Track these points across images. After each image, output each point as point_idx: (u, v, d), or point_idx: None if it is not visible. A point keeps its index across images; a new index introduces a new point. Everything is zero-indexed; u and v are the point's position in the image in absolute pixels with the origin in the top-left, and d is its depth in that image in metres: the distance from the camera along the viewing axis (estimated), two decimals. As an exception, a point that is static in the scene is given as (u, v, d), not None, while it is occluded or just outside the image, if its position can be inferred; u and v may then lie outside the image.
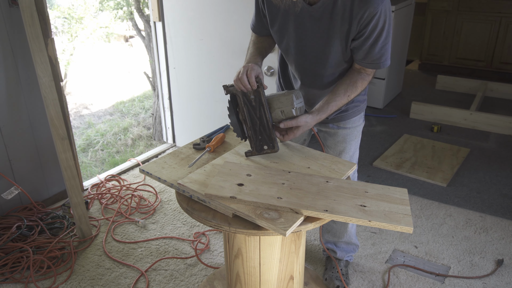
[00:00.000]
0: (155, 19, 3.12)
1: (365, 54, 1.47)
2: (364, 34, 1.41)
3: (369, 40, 1.42)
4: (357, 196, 1.29)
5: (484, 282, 2.11)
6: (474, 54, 4.97)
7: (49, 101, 2.21)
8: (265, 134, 1.45)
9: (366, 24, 1.39)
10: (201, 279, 2.13)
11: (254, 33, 1.68)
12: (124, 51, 7.17)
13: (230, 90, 1.48)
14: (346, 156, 1.82)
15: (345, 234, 2.04)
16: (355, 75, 1.53)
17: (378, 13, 1.37)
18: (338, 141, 1.79)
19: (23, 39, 2.36)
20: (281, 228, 1.15)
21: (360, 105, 1.76)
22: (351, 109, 1.73)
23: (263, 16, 1.60)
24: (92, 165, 4.00)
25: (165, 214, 2.64)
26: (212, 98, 3.09)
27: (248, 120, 1.46)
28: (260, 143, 1.46)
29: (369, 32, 1.40)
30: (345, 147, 1.80)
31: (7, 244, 2.22)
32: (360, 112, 1.77)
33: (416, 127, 3.85)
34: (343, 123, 1.76)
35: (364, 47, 1.44)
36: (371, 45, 1.44)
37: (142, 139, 4.43)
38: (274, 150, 1.46)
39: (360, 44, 1.44)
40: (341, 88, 1.51)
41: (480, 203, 2.73)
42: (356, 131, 1.80)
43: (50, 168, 2.67)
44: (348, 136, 1.78)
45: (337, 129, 1.77)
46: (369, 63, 1.49)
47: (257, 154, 1.49)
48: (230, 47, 2.83)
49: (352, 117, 1.76)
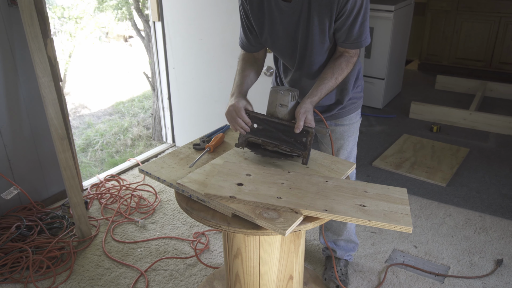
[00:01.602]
0: (154, 19, 3.12)
1: (346, 35, 1.49)
2: (343, 14, 1.44)
3: (348, 19, 1.45)
4: (356, 196, 1.29)
5: (484, 282, 2.11)
6: (474, 54, 4.98)
7: (48, 101, 2.21)
8: (293, 132, 1.41)
9: (345, 3, 1.42)
10: (200, 279, 2.13)
11: (244, 50, 1.70)
12: (124, 51, 7.17)
13: (242, 142, 1.48)
14: (344, 153, 1.84)
15: (345, 231, 2.05)
16: (339, 58, 1.56)
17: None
18: (335, 138, 1.82)
19: (22, 39, 2.36)
20: (280, 228, 1.15)
21: (357, 102, 1.78)
22: (348, 106, 1.76)
23: (249, 31, 1.62)
24: (92, 165, 4.00)
25: (164, 214, 2.64)
26: (211, 98, 3.09)
27: (275, 142, 1.44)
28: (298, 141, 1.43)
29: (349, 11, 1.43)
30: (343, 144, 1.82)
31: (7, 244, 2.22)
32: (357, 109, 1.80)
33: (415, 127, 3.85)
34: (340, 120, 1.78)
35: (344, 27, 1.47)
36: (350, 24, 1.46)
37: (142, 139, 4.43)
38: (311, 133, 1.40)
39: (340, 25, 1.47)
40: (328, 72, 1.54)
41: (480, 203, 2.73)
42: (354, 128, 1.82)
43: (50, 168, 2.67)
44: (345, 132, 1.81)
45: (334, 126, 1.80)
46: (350, 43, 1.52)
47: (307, 156, 1.43)
48: (229, 47, 2.83)
49: (349, 114, 1.78)
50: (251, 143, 1.49)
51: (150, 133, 4.44)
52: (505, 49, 4.78)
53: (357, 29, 1.48)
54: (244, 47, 1.70)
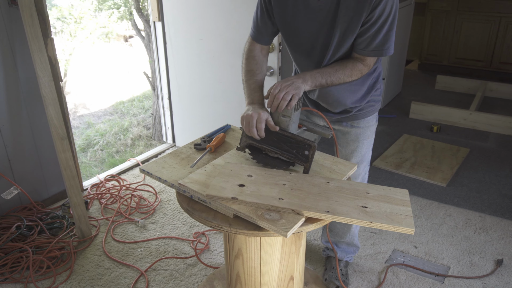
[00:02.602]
0: (154, 19, 3.12)
1: (368, 42, 1.45)
2: (371, 19, 1.40)
3: (375, 25, 1.40)
4: (358, 197, 1.29)
5: (484, 282, 2.11)
6: (474, 54, 4.98)
7: (48, 101, 2.20)
8: (295, 144, 1.40)
9: (374, 7, 1.37)
10: (200, 279, 2.13)
11: (255, 40, 1.62)
12: (124, 51, 7.17)
13: (243, 146, 1.47)
14: (358, 155, 1.81)
15: (348, 234, 2.04)
16: (350, 60, 1.51)
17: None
18: (350, 140, 1.79)
19: (22, 39, 2.35)
20: (282, 229, 1.15)
21: (375, 105, 1.75)
22: (366, 108, 1.73)
23: (268, 17, 1.57)
24: (92, 165, 4.00)
25: (164, 214, 2.64)
26: (211, 98, 3.09)
27: (277, 150, 1.43)
28: (300, 153, 1.41)
29: (376, 17, 1.39)
30: (357, 146, 1.80)
31: (7, 244, 2.22)
32: (374, 112, 1.77)
33: (415, 127, 3.86)
34: (356, 122, 1.76)
35: (368, 33, 1.42)
36: (376, 31, 1.42)
37: (142, 139, 4.42)
38: (313, 147, 1.38)
39: (365, 30, 1.43)
40: (331, 64, 1.52)
41: (480, 203, 2.73)
42: (369, 131, 1.80)
43: (50, 168, 2.67)
44: (361, 135, 1.78)
45: (350, 127, 1.77)
46: (371, 51, 1.46)
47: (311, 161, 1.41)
48: (230, 47, 2.83)
49: (366, 116, 1.76)
50: (252, 147, 1.49)
51: (150, 133, 4.44)
52: (505, 49, 4.78)
53: (381, 37, 1.43)
54: (256, 37, 1.62)
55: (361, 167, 1.85)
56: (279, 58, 2.56)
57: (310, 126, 1.49)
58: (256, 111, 1.39)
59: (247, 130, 1.40)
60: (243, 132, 1.47)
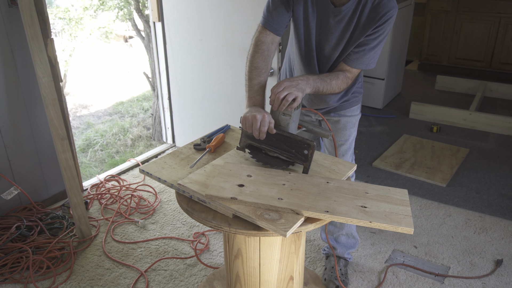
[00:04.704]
0: (154, 19, 3.12)
1: (361, 55, 1.54)
2: (373, 35, 1.50)
3: (374, 41, 1.51)
4: (357, 197, 1.29)
5: (484, 282, 2.11)
6: (474, 54, 4.98)
7: (48, 101, 2.21)
8: (294, 143, 1.41)
9: (379, 25, 1.47)
10: (200, 279, 2.13)
11: (266, 28, 1.56)
12: (124, 52, 7.17)
13: (243, 146, 1.48)
14: (346, 143, 1.92)
15: (346, 224, 2.05)
16: (340, 72, 1.60)
17: (392, 18, 1.47)
18: (339, 128, 1.89)
19: (22, 39, 2.35)
20: (281, 229, 1.15)
21: (358, 96, 1.86)
22: (351, 99, 1.84)
23: (286, 8, 1.53)
24: (92, 165, 4.00)
25: (164, 214, 2.64)
26: (211, 98, 3.09)
27: (276, 150, 1.43)
28: (299, 153, 1.41)
29: (378, 34, 1.49)
30: (345, 134, 1.90)
31: (7, 245, 2.22)
32: (358, 103, 1.88)
33: (415, 127, 3.86)
34: (343, 112, 1.86)
35: (366, 47, 1.52)
36: (373, 47, 1.52)
37: (142, 139, 4.42)
38: (312, 146, 1.38)
39: (362, 43, 1.52)
40: (325, 74, 1.60)
41: (480, 203, 2.73)
42: (355, 119, 1.90)
43: (50, 168, 2.67)
44: (348, 123, 1.88)
45: (338, 117, 1.87)
46: (361, 64, 1.57)
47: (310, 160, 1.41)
48: (229, 47, 2.83)
49: (352, 106, 1.86)
50: (252, 146, 1.49)
51: (150, 133, 4.44)
52: (505, 49, 4.78)
53: (373, 52, 1.54)
54: (269, 24, 1.55)
55: (348, 155, 1.95)
56: (279, 58, 2.57)
57: (309, 127, 1.50)
58: (261, 113, 1.39)
59: (250, 129, 1.40)
60: (242, 132, 1.47)
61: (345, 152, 1.94)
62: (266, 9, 1.58)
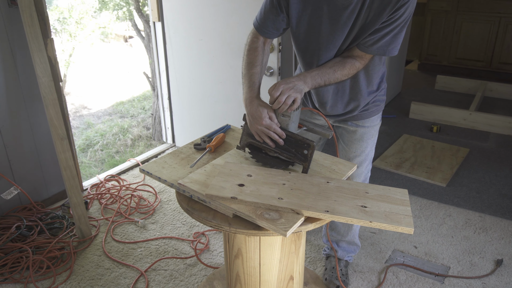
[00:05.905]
0: (154, 19, 3.12)
1: (376, 40, 1.42)
2: (389, 21, 1.38)
3: (389, 27, 1.39)
4: (357, 197, 1.29)
5: (484, 282, 2.11)
6: (474, 54, 4.98)
7: (48, 101, 2.21)
8: (294, 143, 1.40)
9: (396, 9, 1.35)
10: (200, 279, 2.13)
11: (259, 32, 1.56)
12: (124, 51, 7.17)
13: (243, 145, 1.47)
14: (362, 155, 1.82)
15: (350, 233, 2.05)
16: (348, 58, 1.50)
17: (408, 1, 1.34)
18: (355, 139, 1.79)
19: (22, 39, 2.35)
20: (281, 229, 1.15)
21: (380, 104, 1.76)
22: (371, 108, 1.73)
23: (280, 10, 1.50)
24: (92, 165, 4.00)
25: (164, 214, 2.64)
26: (211, 98, 3.09)
27: (276, 150, 1.43)
28: (299, 152, 1.41)
29: (394, 19, 1.37)
30: (361, 145, 1.80)
31: (7, 244, 2.22)
32: (379, 112, 1.78)
33: (415, 127, 3.86)
34: (362, 122, 1.76)
35: (381, 33, 1.41)
36: (388, 32, 1.40)
37: (142, 139, 4.42)
38: (312, 146, 1.38)
39: (377, 29, 1.41)
40: (329, 63, 1.49)
41: (480, 203, 2.73)
42: (374, 130, 1.80)
43: (50, 168, 2.67)
44: (365, 134, 1.78)
45: (355, 127, 1.77)
46: (375, 49, 1.45)
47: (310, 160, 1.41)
48: (229, 47, 2.83)
49: (372, 116, 1.76)
50: (252, 145, 1.49)
51: (150, 133, 4.44)
52: (505, 49, 4.78)
53: (390, 37, 1.41)
54: (261, 29, 1.55)
55: (364, 166, 1.85)
56: (279, 58, 2.57)
57: (310, 126, 1.49)
58: (266, 114, 1.37)
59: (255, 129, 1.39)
60: (243, 131, 1.47)
61: (360, 164, 1.83)
62: (259, 13, 1.57)
